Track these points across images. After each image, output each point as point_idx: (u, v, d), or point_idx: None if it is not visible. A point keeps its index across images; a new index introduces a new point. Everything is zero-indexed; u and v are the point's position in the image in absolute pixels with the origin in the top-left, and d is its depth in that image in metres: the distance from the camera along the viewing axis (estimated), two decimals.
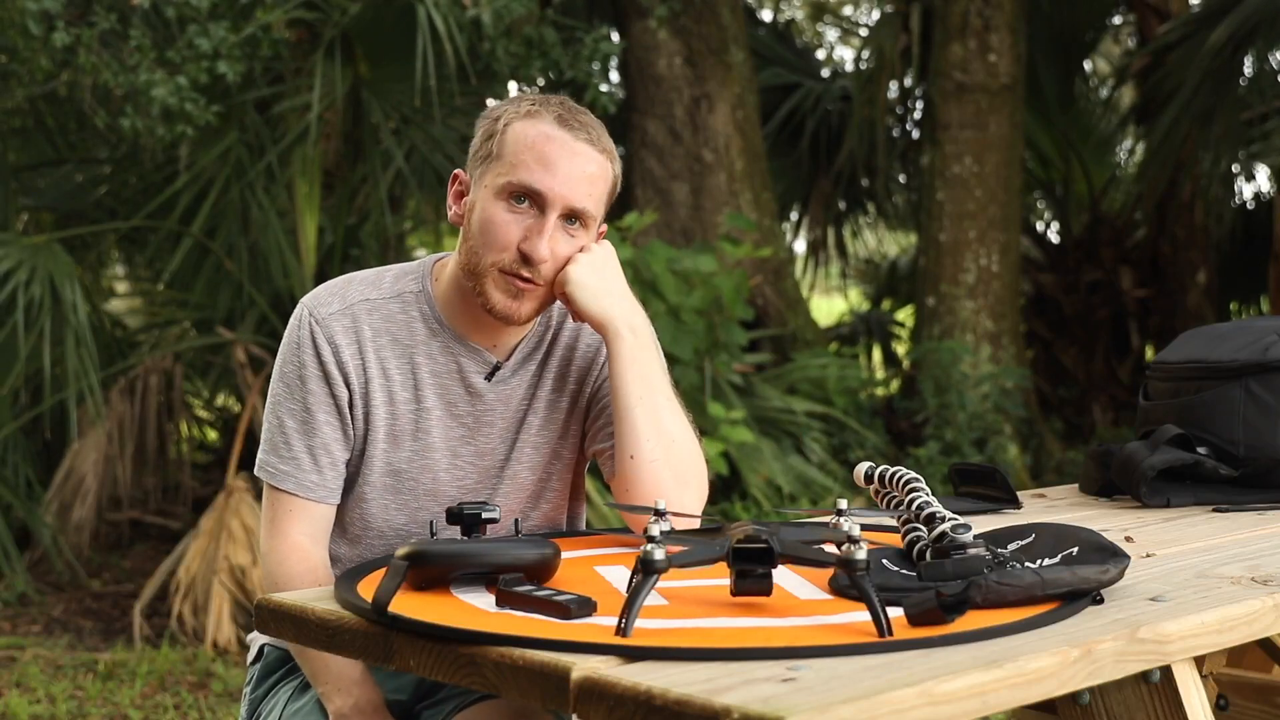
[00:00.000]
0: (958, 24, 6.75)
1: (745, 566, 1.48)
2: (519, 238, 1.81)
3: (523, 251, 1.81)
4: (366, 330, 1.89)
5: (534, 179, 1.80)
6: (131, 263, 6.85)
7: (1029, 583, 1.46)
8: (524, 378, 1.94)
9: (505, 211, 1.81)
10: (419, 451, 1.90)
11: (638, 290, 5.53)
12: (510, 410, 1.93)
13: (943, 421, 6.23)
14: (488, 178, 1.84)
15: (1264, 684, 2.20)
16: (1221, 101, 6.69)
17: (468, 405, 1.91)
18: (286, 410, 1.89)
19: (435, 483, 1.91)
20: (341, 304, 1.90)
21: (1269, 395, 2.22)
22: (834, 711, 1.14)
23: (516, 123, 1.84)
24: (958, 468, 2.30)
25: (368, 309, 1.90)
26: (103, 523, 5.56)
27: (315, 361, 1.88)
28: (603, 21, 7.01)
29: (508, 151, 1.82)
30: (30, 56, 4.93)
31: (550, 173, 1.80)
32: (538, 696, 1.30)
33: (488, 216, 1.82)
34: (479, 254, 1.83)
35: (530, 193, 1.81)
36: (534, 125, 1.83)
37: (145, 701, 4.05)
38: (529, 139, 1.82)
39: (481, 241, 1.83)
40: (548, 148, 1.81)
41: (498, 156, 1.83)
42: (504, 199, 1.82)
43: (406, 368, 1.90)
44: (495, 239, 1.81)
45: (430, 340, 1.90)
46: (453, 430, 1.91)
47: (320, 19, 5.21)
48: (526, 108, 1.85)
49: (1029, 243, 8.23)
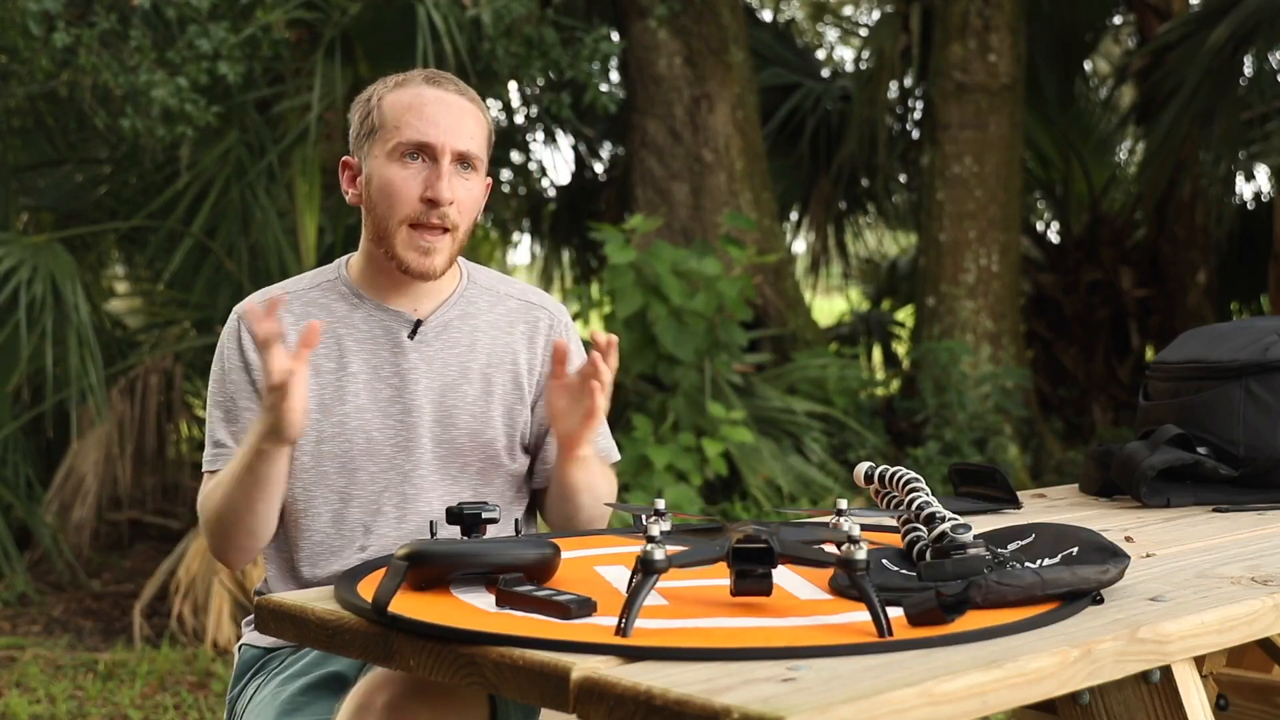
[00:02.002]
0: (958, 24, 6.75)
1: (745, 566, 1.48)
2: (420, 190, 1.93)
3: (427, 199, 1.93)
4: (288, 317, 1.99)
5: (420, 134, 1.93)
6: (131, 263, 6.85)
7: (1029, 583, 1.46)
8: (451, 344, 2.01)
9: (401, 169, 1.94)
10: (350, 413, 1.97)
11: (640, 292, 5.57)
12: (435, 370, 2.00)
13: (943, 421, 6.23)
14: (375, 149, 1.96)
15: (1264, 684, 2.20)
16: (1221, 101, 6.69)
17: (393, 365, 1.99)
18: (214, 404, 2.01)
19: (369, 442, 1.97)
20: (263, 297, 2.02)
21: (1269, 395, 2.22)
22: (834, 711, 1.14)
23: (388, 94, 1.98)
24: (958, 468, 2.30)
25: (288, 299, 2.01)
26: (103, 523, 5.56)
27: (236, 353, 2.00)
28: (603, 21, 7.01)
29: (388, 120, 1.95)
30: (31, 56, 4.93)
31: (433, 125, 1.93)
32: (538, 696, 1.30)
33: (385, 179, 1.94)
34: (385, 217, 1.95)
35: (419, 146, 1.93)
36: (405, 90, 1.97)
37: (145, 701, 4.05)
38: (404, 102, 1.95)
39: (385, 203, 1.94)
40: (424, 105, 1.95)
41: (380, 127, 1.96)
42: (396, 160, 1.94)
43: (330, 340, 1.99)
44: (397, 196, 1.94)
45: (352, 313, 2.01)
46: (380, 391, 1.98)
47: (320, 19, 5.21)
48: (394, 80, 2.00)
49: (1029, 243, 8.23)
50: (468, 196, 1.96)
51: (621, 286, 5.53)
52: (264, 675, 1.96)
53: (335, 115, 5.64)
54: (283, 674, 1.92)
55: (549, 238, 8.75)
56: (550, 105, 5.86)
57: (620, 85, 7.11)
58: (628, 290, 5.52)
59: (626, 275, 5.53)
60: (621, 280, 5.53)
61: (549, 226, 8.69)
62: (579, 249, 8.60)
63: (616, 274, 5.55)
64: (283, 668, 1.94)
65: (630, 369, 5.71)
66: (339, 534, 1.98)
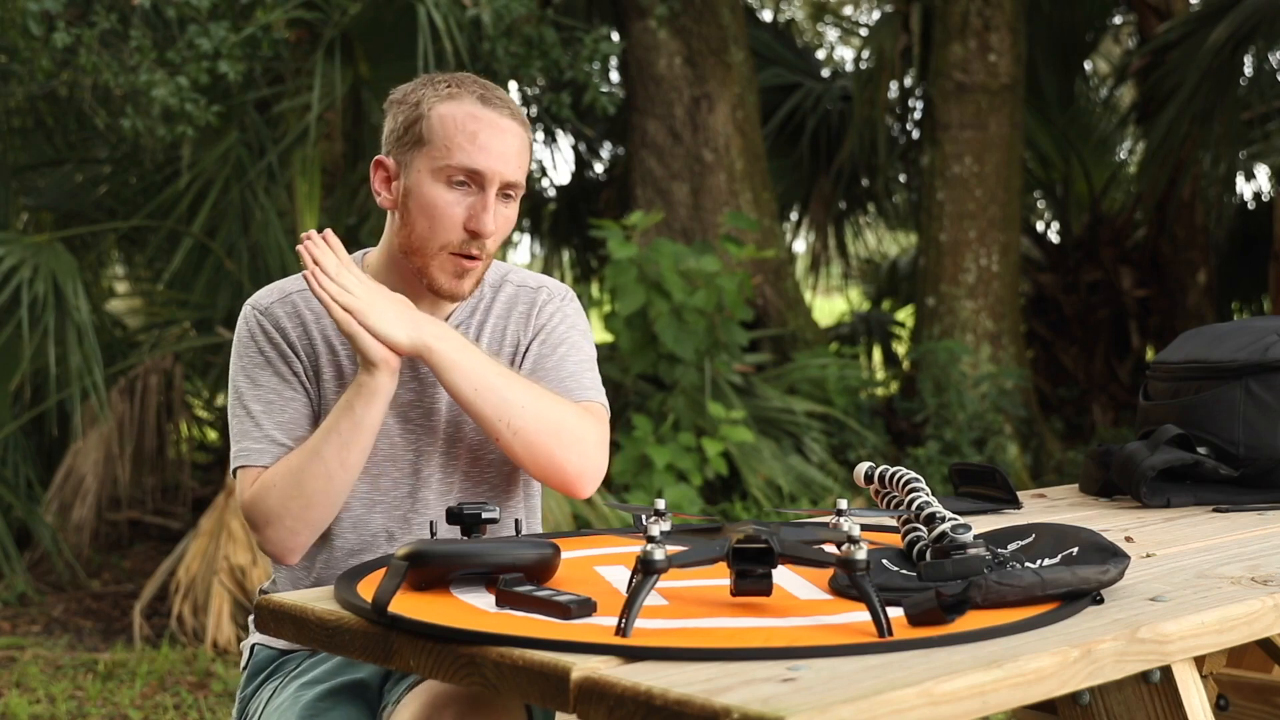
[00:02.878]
0: (958, 24, 6.75)
1: (745, 566, 1.48)
2: (463, 218, 1.90)
3: (470, 230, 1.90)
4: (308, 314, 1.97)
5: (472, 160, 1.89)
6: (131, 263, 6.85)
7: (1029, 583, 1.46)
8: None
9: (446, 193, 1.91)
10: None
11: (642, 289, 5.57)
12: None
13: (942, 421, 6.23)
14: (420, 162, 1.92)
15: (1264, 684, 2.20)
16: (1221, 101, 6.69)
17: (411, 370, 1.97)
18: (251, 398, 1.95)
19: (392, 446, 1.96)
20: (280, 295, 1.99)
21: (1269, 395, 2.22)
22: (834, 711, 1.14)
23: (440, 105, 1.92)
24: (958, 468, 2.30)
25: (305, 298, 1.99)
26: (103, 523, 5.56)
27: (268, 344, 1.96)
28: (603, 21, 7.02)
29: (437, 136, 1.91)
30: (31, 56, 4.93)
31: (485, 152, 1.90)
32: (538, 696, 1.30)
33: (430, 200, 1.91)
34: (425, 237, 1.92)
35: (470, 173, 1.90)
36: (459, 106, 1.92)
37: (145, 701, 4.05)
38: (457, 120, 1.91)
39: (428, 225, 1.92)
40: (478, 128, 1.90)
41: (427, 141, 1.91)
42: (442, 181, 1.91)
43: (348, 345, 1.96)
44: (441, 221, 1.91)
45: None
46: (401, 395, 1.96)
47: (320, 19, 5.21)
48: (445, 90, 1.94)
49: (1029, 243, 8.23)
50: (506, 225, 1.95)
51: (623, 283, 5.54)
52: (280, 677, 1.94)
53: (335, 115, 5.64)
54: (302, 678, 1.90)
55: (549, 237, 8.76)
56: (550, 105, 5.86)
57: (620, 85, 7.11)
58: (629, 286, 5.52)
59: (628, 271, 5.53)
60: (623, 276, 5.53)
61: (549, 226, 8.70)
62: (579, 249, 8.61)
63: (618, 270, 5.55)
64: (301, 671, 1.92)
65: (631, 368, 5.72)
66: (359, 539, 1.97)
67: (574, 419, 1.91)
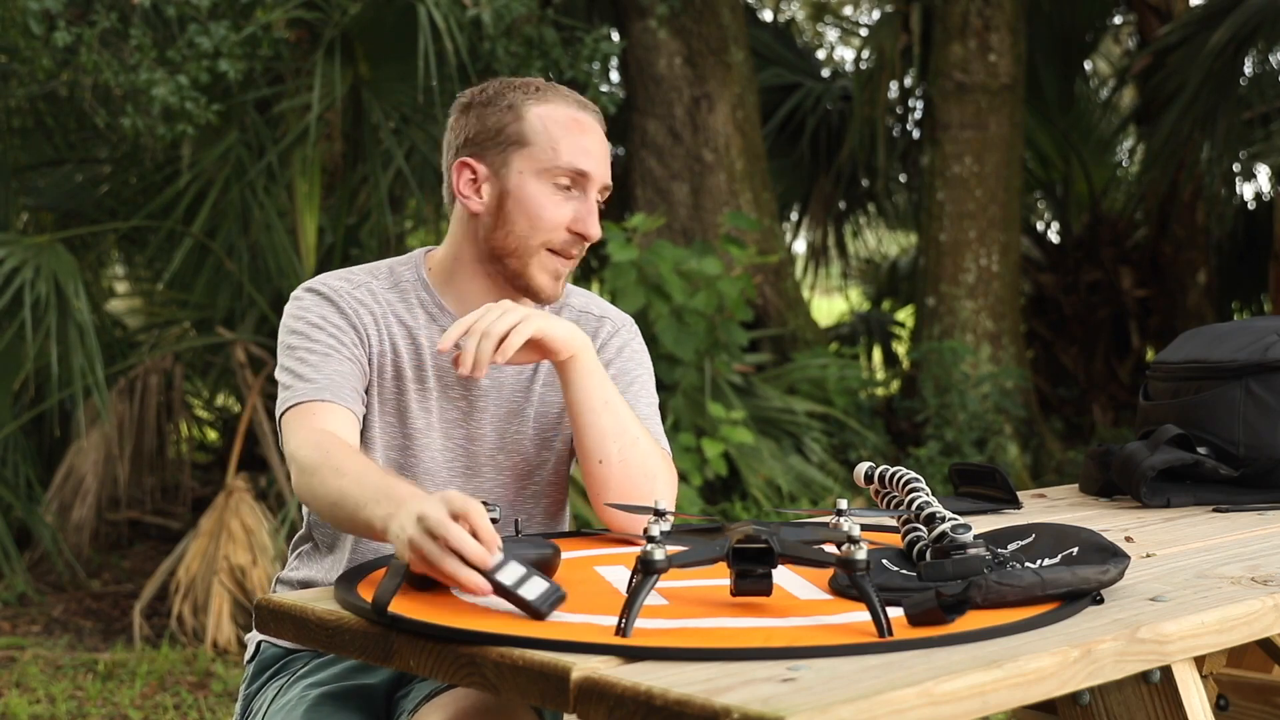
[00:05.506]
0: (958, 24, 6.75)
1: (745, 566, 1.48)
2: (568, 219, 1.90)
3: (575, 232, 1.90)
4: (376, 309, 1.93)
5: (580, 162, 1.90)
6: (131, 263, 6.85)
7: (1029, 583, 1.46)
8: (518, 371, 1.97)
9: (553, 193, 1.90)
10: (421, 430, 1.93)
11: (642, 291, 5.57)
12: (504, 396, 1.97)
13: (943, 421, 6.23)
14: (520, 163, 1.90)
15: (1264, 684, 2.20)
16: (1222, 102, 6.69)
17: (463, 388, 1.94)
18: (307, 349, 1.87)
19: (432, 462, 1.94)
20: (349, 284, 1.95)
21: (1269, 395, 2.22)
22: (834, 711, 1.14)
23: (535, 106, 1.91)
24: (958, 468, 2.30)
25: (371, 293, 1.95)
26: (103, 523, 5.56)
27: (336, 314, 1.90)
28: (603, 21, 7.01)
29: (540, 137, 1.90)
30: (31, 56, 4.93)
31: (590, 155, 1.91)
32: (537, 696, 1.30)
33: (537, 201, 1.89)
34: (527, 237, 1.90)
35: (576, 175, 1.90)
36: (555, 108, 1.92)
37: (145, 701, 4.05)
38: (560, 122, 1.91)
39: (530, 225, 1.90)
40: (583, 131, 1.91)
41: (529, 142, 1.89)
42: (549, 183, 1.90)
43: (411, 348, 1.93)
44: (547, 222, 1.90)
45: (432, 324, 1.95)
46: (448, 412, 1.94)
47: (320, 19, 5.21)
48: (534, 91, 1.92)
49: (1029, 243, 8.23)
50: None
51: (623, 285, 5.54)
52: (286, 675, 1.92)
53: (335, 115, 5.64)
54: (309, 678, 1.89)
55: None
56: None
57: (620, 85, 7.11)
58: (629, 289, 5.52)
59: (628, 274, 5.53)
60: (623, 279, 5.54)
61: None
62: None
63: (618, 272, 5.55)
64: (308, 671, 1.90)
65: None
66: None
67: (665, 467, 1.91)
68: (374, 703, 1.86)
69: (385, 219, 5.60)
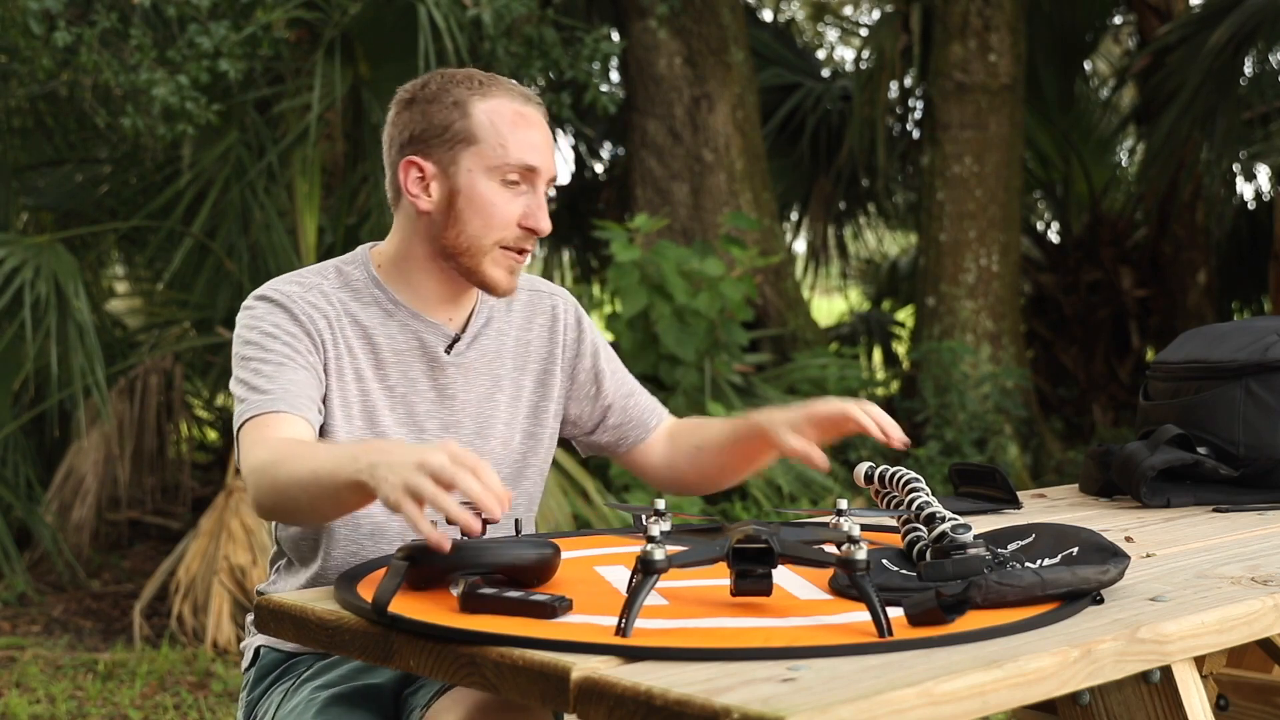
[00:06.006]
0: (958, 24, 6.75)
1: (745, 566, 1.48)
2: (519, 214, 1.89)
3: (527, 228, 1.89)
4: (330, 311, 1.91)
5: (529, 157, 1.89)
6: (131, 263, 6.85)
7: (1029, 583, 1.46)
8: (482, 352, 1.98)
9: (501, 190, 1.89)
10: (390, 427, 1.92)
11: (644, 291, 5.57)
12: (472, 383, 1.97)
13: (943, 421, 6.23)
14: (469, 161, 1.88)
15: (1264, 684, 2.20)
16: (1222, 102, 6.69)
17: (430, 380, 1.94)
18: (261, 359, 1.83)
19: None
20: (302, 288, 1.91)
21: (1269, 395, 2.22)
22: (834, 711, 1.14)
23: (481, 102, 1.90)
24: (958, 468, 2.31)
25: (324, 294, 1.92)
26: (103, 523, 5.56)
27: (290, 321, 1.86)
28: (603, 21, 7.01)
29: (487, 133, 1.88)
30: (32, 55, 4.93)
31: (537, 149, 1.90)
32: (538, 696, 1.29)
33: (487, 199, 1.88)
34: (480, 236, 1.89)
35: (525, 171, 1.89)
36: (500, 102, 1.90)
37: (145, 701, 4.05)
38: (506, 118, 1.89)
39: (482, 224, 1.88)
40: (529, 125, 1.90)
41: (477, 139, 1.88)
42: (498, 179, 1.88)
43: (368, 348, 1.92)
44: (498, 219, 1.88)
45: (388, 321, 1.93)
46: (418, 404, 1.94)
47: (320, 19, 5.21)
48: (478, 85, 1.91)
49: (1029, 243, 8.23)
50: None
51: (626, 286, 5.54)
52: (291, 679, 1.92)
53: (335, 115, 5.64)
54: (315, 680, 1.88)
55: (549, 237, 8.76)
56: (550, 105, 5.86)
57: (620, 85, 7.11)
58: (632, 289, 5.52)
59: (631, 274, 5.53)
60: (626, 279, 5.54)
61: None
62: (579, 249, 8.61)
63: (621, 273, 5.55)
64: (314, 674, 1.89)
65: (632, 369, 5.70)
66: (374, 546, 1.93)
67: None
68: (383, 702, 1.85)
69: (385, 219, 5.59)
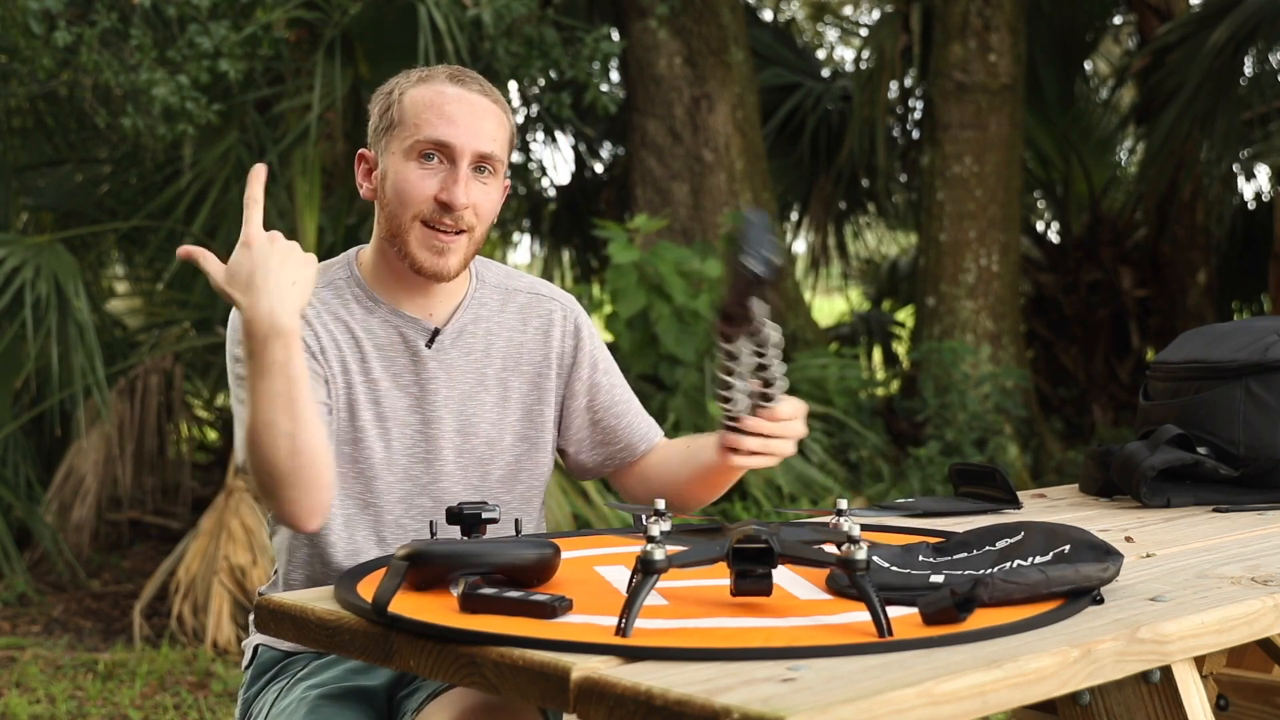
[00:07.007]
0: (958, 24, 6.75)
1: (745, 566, 1.48)
2: (435, 190, 1.90)
3: (441, 201, 1.89)
4: (310, 311, 1.93)
5: (439, 133, 1.89)
6: (131, 263, 6.85)
7: (1034, 580, 1.46)
8: (467, 351, 1.98)
9: (417, 169, 1.91)
10: (369, 422, 1.93)
11: (644, 292, 5.57)
12: (455, 379, 1.97)
13: (943, 421, 6.23)
14: (393, 145, 1.92)
15: (1264, 684, 2.20)
16: (1222, 101, 6.69)
17: (413, 374, 1.95)
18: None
19: (388, 451, 1.94)
20: None
21: (1269, 395, 2.22)
22: (834, 711, 1.14)
23: (411, 90, 1.94)
24: (958, 468, 2.30)
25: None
26: (103, 523, 5.56)
27: None
28: (603, 21, 7.01)
29: (408, 116, 1.91)
30: (32, 55, 4.93)
31: (453, 124, 1.90)
32: (537, 696, 1.29)
33: (401, 177, 1.91)
34: (398, 214, 1.92)
35: (438, 146, 1.90)
36: (428, 87, 1.93)
37: (145, 701, 4.05)
38: (426, 99, 1.92)
39: (398, 201, 1.91)
40: (446, 103, 1.91)
41: (399, 124, 1.92)
42: (414, 159, 1.91)
43: (351, 343, 1.94)
44: (411, 194, 1.90)
45: (369, 317, 1.96)
46: (400, 400, 1.94)
47: (320, 19, 5.21)
48: (417, 76, 1.96)
49: (1029, 243, 8.23)
50: (485, 199, 1.92)
51: (624, 286, 5.54)
52: (286, 678, 1.92)
53: (335, 115, 5.64)
54: (309, 680, 1.88)
55: (549, 238, 8.76)
56: (550, 105, 5.86)
57: (620, 85, 7.11)
58: (631, 290, 5.52)
59: (630, 275, 5.53)
60: (625, 280, 5.54)
61: (549, 226, 8.70)
62: (579, 249, 8.61)
63: (620, 273, 5.55)
64: (309, 673, 1.90)
65: (631, 369, 5.72)
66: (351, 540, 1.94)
67: None
68: (375, 703, 1.86)
69: None
